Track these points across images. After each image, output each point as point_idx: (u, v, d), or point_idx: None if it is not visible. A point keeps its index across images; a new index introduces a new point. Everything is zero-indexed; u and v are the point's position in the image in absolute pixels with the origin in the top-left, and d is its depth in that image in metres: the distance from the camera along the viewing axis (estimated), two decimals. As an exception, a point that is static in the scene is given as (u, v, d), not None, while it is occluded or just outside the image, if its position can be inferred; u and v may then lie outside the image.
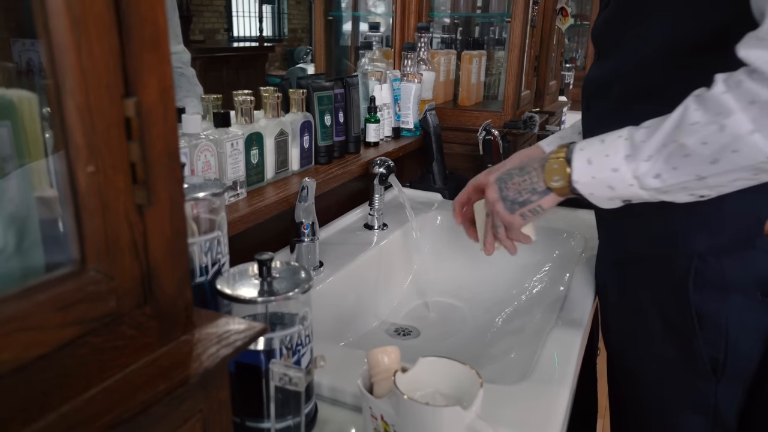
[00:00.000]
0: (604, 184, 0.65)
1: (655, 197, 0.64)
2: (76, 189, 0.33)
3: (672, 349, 0.76)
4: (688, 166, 0.59)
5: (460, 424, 0.47)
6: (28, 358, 0.31)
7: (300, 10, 2.02)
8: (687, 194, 0.62)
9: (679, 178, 0.60)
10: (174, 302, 0.40)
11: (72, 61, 0.31)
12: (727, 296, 0.71)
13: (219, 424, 0.44)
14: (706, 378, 0.75)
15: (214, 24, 1.97)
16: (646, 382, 0.82)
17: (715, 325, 0.72)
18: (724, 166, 0.57)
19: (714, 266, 0.71)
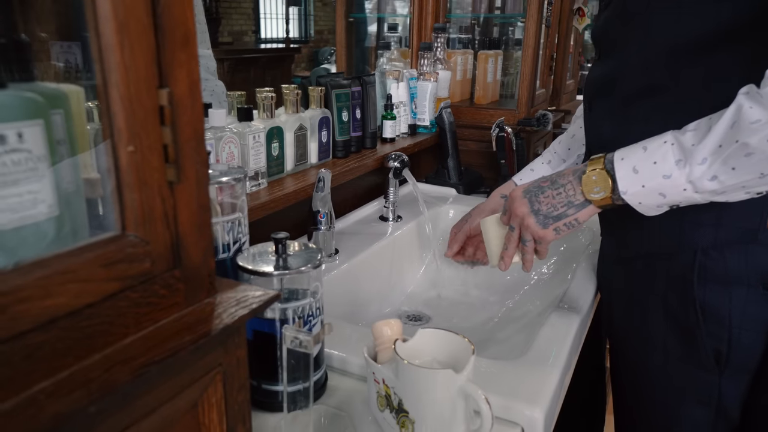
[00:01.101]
0: (656, 191, 0.65)
1: (709, 199, 0.64)
2: (118, 166, 0.39)
3: (675, 342, 0.78)
4: (750, 165, 0.59)
5: (453, 385, 0.52)
6: (78, 305, 0.37)
7: (326, 11, 2.07)
8: (744, 192, 0.62)
9: (740, 178, 0.60)
10: (199, 268, 0.46)
11: (117, 58, 0.37)
12: (730, 290, 0.72)
13: (237, 379, 0.50)
14: (710, 370, 0.76)
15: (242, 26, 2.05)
16: (649, 374, 0.83)
17: (718, 318, 0.73)
18: None
19: (717, 260, 0.72)
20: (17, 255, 0.36)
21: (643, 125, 0.73)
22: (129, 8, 0.37)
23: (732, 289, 0.72)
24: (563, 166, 1.03)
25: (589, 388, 0.95)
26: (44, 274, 0.35)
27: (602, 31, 0.82)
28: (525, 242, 0.78)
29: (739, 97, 0.59)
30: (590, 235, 1.15)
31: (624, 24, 0.77)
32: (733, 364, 0.75)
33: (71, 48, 0.70)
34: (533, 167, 1.04)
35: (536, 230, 0.75)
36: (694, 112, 0.66)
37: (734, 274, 0.72)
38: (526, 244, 0.78)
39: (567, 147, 1.03)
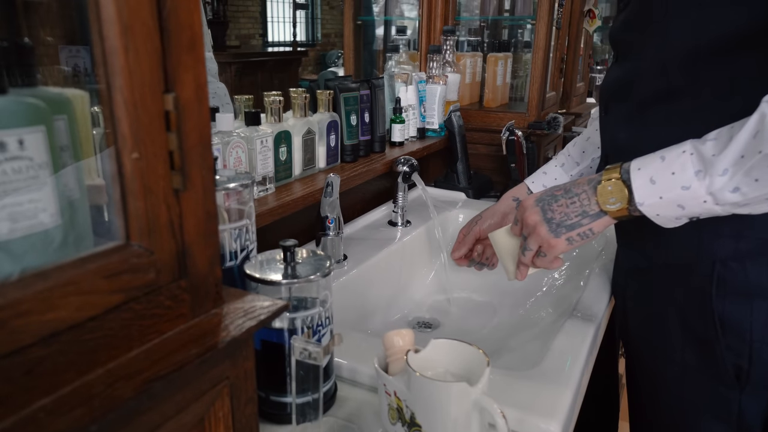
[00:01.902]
0: (674, 203, 0.63)
1: (731, 211, 0.62)
2: (122, 173, 0.38)
3: (693, 355, 0.75)
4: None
5: (467, 399, 0.50)
6: (80, 318, 0.35)
7: (333, 15, 2.07)
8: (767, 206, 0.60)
9: (764, 190, 0.58)
10: (205, 278, 0.45)
11: (121, 62, 0.35)
12: (751, 302, 0.70)
13: (245, 392, 0.48)
14: (730, 385, 0.73)
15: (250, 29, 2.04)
16: (666, 387, 0.80)
17: (738, 332, 0.71)
18: None
19: (737, 272, 0.70)
20: (18, 266, 0.35)
21: (660, 130, 0.72)
22: (134, 11, 0.35)
23: (753, 302, 0.69)
24: (577, 170, 1.01)
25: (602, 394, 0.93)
26: (45, 286, 0.33)
27: (619, 33, 0.80)
28: (526, 250, 0.76)
29: (762, 105, 0.57)
30: (603, 241, 1.13)
31: (642, 26, 0.76)
32: (755, 380, 0.72)
33: (79, 52, 0.69)
34: (546, 170, 1.02)
35: (548, 239, 0.73)
36: (712, 118, 0.64)
37: (755, 287, 0.69)
38: (526, 253, 0.76)
39: (581, 150, 1.01)
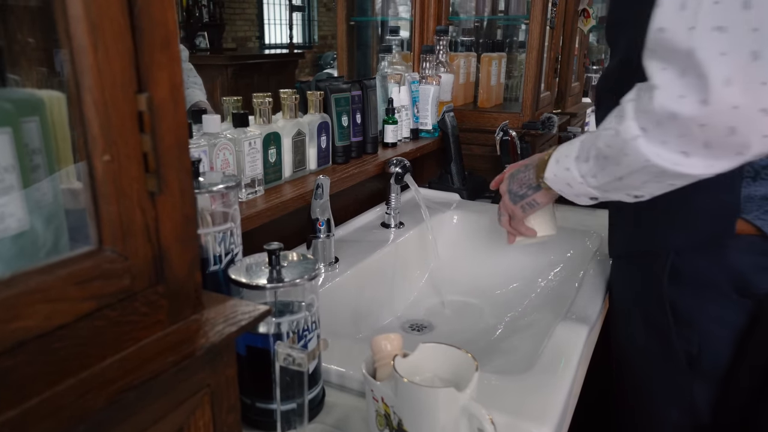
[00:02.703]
0: (563, 181, 0.71)
1: (604, 196, 0.68)
2: (93, 176, 0.36)
3: (654, 343, 0.79)
4: (608, 167, 0.63)
5: (455, 405, 0.49)
6: (49, 326, 0.34)
7: (330, 16, 2.06)
8: (624, 194, 0.66)
9: (606, 178, 0.64)
10: (184, 283, 0.43)
11: (90, 60, 0.34)
12: (701, 293, 0.73)
13: (227, 400, 0.47)
14: (683, 372, 0.77)
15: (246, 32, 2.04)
16: (636, 375, 0.85)
17: (688, 321, 0.75)
18: (625, 169, 0.60)
19: (690, 263, 0.73)
20: (-18, 273, 0.34)
21: None
22: (102, 8, 0.34)
23: (703, 293, 0.73)
24: None
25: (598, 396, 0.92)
26: (10, 294, 0.32)
27: (610, 29, 0.82)
28: (499, 215, 0.88)
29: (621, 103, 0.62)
30: (598, 242, 1.12)
31: (621, 21, 0.78)
32: (704, 367, 0.75)
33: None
34: None
35: (510, 207, 0.85)
36: None
37: (705, 278, 0.73)
38: (501, 218, 0.88)
39: None
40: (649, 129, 0.56)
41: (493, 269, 1.19)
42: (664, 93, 0.54)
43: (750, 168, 0.67)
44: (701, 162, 0.55)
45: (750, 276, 0.70)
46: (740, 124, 0.51)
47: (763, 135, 0.51)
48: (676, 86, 0.53)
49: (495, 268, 1.18)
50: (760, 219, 0.68)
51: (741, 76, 0.49)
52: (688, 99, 0.52)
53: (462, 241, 1.25)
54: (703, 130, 0.52)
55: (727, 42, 0.49)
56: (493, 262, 1.19)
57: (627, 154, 0.59)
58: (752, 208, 0.68)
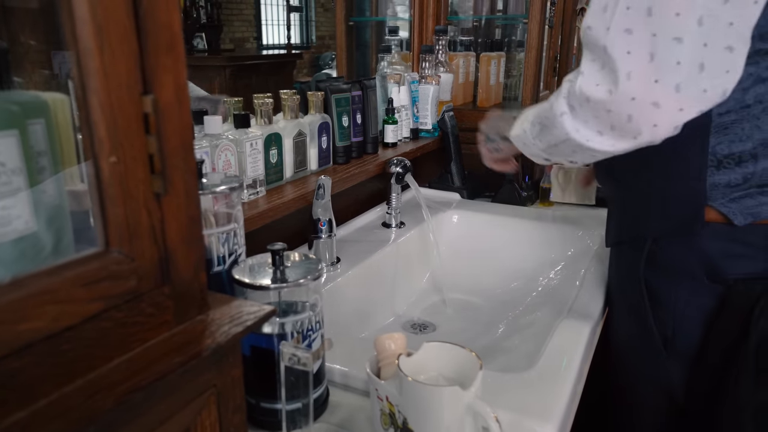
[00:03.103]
0: (521, 141, 0.80)
1: (549, 157, 0.77)
2: (100, 178, 0.37)
3: (634, 327, 0.83)
4: (545, 135, 0.73)
5: (460, 403, 0.49)
6: (57, 328, 0.34)
7: (327, 17, 2.06)
8: (561, 158, 0.75)
9: (545, 144, 0.74)
10: (190, 284, 0.44)
11: (96, 63, 0.34)
12: (675, 278, 0.76)
13: (233, 400, 0.47)
14: (659, 353, 0.80)
15: (244, 33, 2.04)
16: (622, 356, 0.89)
17: (664, 305, 0.78)
18: (555, 138, 0.70)
19: (665, 250, 0.77)
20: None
21: None
22: (108, 10, 0.34)
23: (676, 278, 0.77)
24: None
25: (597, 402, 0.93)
26: (18, 295, 0.32)
27: None
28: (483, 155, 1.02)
29: None
30: (598, 239, 1.12)
31: None
32: (678, 349, 0.79)
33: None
34: None
35: (480, 147, 0.99)
36: None
37: (678, 264, 0.76)
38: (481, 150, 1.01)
39: None
40: (575, 108, 0.66)
41: (493, 268, 1.19)
42: (585, 80, 0.63)
43: (713, 157, 0.70)
44: (608, 141, 0.65)
45: (719, 262, 0.72)
46: (636, 113, 0.60)
47: (653, 125, 0.61)
48: (596, 76, 0.62)
49: (496, 266, 1.18)
50: (726, 206, 0.70)
51: (639, 73, 0.59)
52: (601, 87, 0.62)
53: (463, 241, 1.25)
54: (609, 115, 0.62)
55: (632, 42, 0.58)
56: (493, 261, 1.19)
57: (555, 126, 0.69)
58: (717, 195, 0.71)
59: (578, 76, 0.64)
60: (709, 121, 0.68)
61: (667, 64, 0.57)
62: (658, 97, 0.59)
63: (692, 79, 0.58)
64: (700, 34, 0.57)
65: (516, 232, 1.23)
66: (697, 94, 0.58)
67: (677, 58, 0.57)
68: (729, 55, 0.58)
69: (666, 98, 0.58)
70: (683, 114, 0.60)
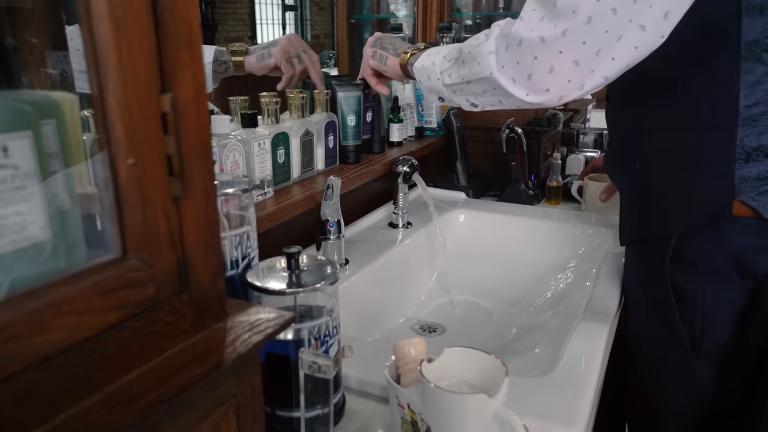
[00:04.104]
0: (425, 73, 0.81)
1: (449, 98, 0.79)
2: (117, 181, 0.35)
3: (658, 326, 0.81)
4: (462, 69, 0.74)
5: (486, 411, 0.48)
6: (75, 339, 0.33)
7: (322, 16, 2.05)
8: (464, 99, 0.77)
9: (457, 80, 0.75)
10: (208, 291, 0.42)
11: (113, 61, 0.33)
12: (702, 275, 0.74)
13: (252, 410, 0.45)
14: (687, 353, 0.78)
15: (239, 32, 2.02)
16: (644, 357, 0.86)
17: (691, 303, 0.76)
18: (473, 75, 0.72)
19: (691, 247, 0.75)
20: (4, 286, 0.32)
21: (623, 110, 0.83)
22: (126, 5, 0.33)
23: (704, 275, 0.75)
24: None
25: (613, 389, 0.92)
26: (36, 306, 0.31)
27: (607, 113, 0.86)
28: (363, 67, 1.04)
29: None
30: (609, 238, 1.11)
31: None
32: (707, 348, 0.77)
33: (66, 57, 0.67)
34: None
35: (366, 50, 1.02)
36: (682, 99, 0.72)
37: (704, 260, 0.74)
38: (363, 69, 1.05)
39: None
40: (503, 50, 0.68)
41: (502, 268, 1.18)
42: (523, 24, 0.66)
43: (741, 150, 0.69)
44: (522, 90, 0.68)
45: (749, 257, 0.71)
46: (558, 65, 0.64)
47: (567, 80, 0.65)
48: (533, 23, 0.65)
49: (504, 266, 1.17)
50: (755, 200, 0.68)
51: (573, 34, 0.62)
52: (534, 33, 0.64)
53: (470, 240, 1.24)
54: (534, 63, 0.65)
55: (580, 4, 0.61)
56: (502, 261, 1.18)
57: (479, 63, 0.70)
58: (746, 189, 0.69)
59: (515, 21, 0.67)
60: (736, 113, 0.67)
61: (598, 30, 0.61)
62: (579, 57, 0.63)
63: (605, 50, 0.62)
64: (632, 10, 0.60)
65: (524, 231, 1.21)
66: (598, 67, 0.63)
67: (606, 27, 0.61)
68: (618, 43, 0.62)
69: (586, 60, 0.63)
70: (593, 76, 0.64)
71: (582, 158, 1.64)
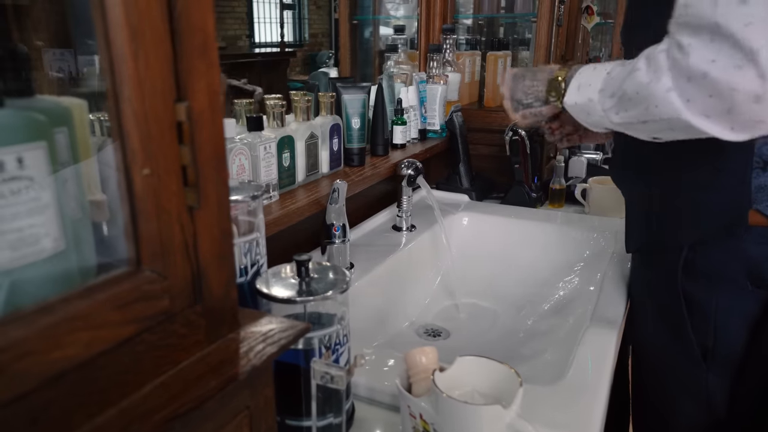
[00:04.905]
0: (584, 110, 0.71)
1: (622, 131, 0.68)
2: (132, 192, 0.34)
3: (669, 337, 0.80)
4: (633, 110, 0.64)
5: (501, 422, 0.47)
6: (89, 354, 0.32)
7: (320, 15, 2.03)
8: (644, 134, 0.67)
9: (630, 119, 0.65)
10: (221, 301, 0.41)
11: (130, 70, 0.32)
12: (715, 285, 0.74)
13: (265, 421, 0.45)
14: (698, 365, 0.77)
15: (236, 30, 2.00)
16: (654, 369, 0.85)
17: (704, 313, 0.75)
18: (651, 116, 0.62)
19: (704, 256, 0.74)
20: (18, 300, 0.31)
21: None
22: (143, 12, 0.32)
23: (716, 285, 0.74)
24: None
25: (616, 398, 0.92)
26: (50, 322, 0.30)
27: (627, 30, 0.83)
28: None
29: (645, 50, 0.62)
30: (614, 242, 1.10)
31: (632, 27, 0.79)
32: (719, 358, 0.76)
33: (64, 55, 0.66)
34: None
35: (510, 113, 0.88)
36: None
37: (718, 270, 0.73)
38: None
39: None
40: (680, 84, 0.57)
41: (506, 271, 1.17)
42: (697, 53, 0.55)
43: (759, 159, 0.68)
44: (721, 126, 0.57)
45: (764, 266, 0.70)
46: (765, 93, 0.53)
47: None
48: (708, 50, 0.54)
49: (509, 270, 1.17)
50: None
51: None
52: (719, 63, 0.53)
53: (474, 243, 1.23)
54: (732, 95, 0.54)
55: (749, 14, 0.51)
56: (506, 264, 1.17)
57: (657, 106, 0.60)
58: (763, 198, 0.68)
59: (682, 47, 0.56)
60: None
61: None
62: None
63: None
64: None
65: (528, 234, 1.21)
66: None
67: None
68: None
69: None
70: None
71: (584, 161, 1.64)
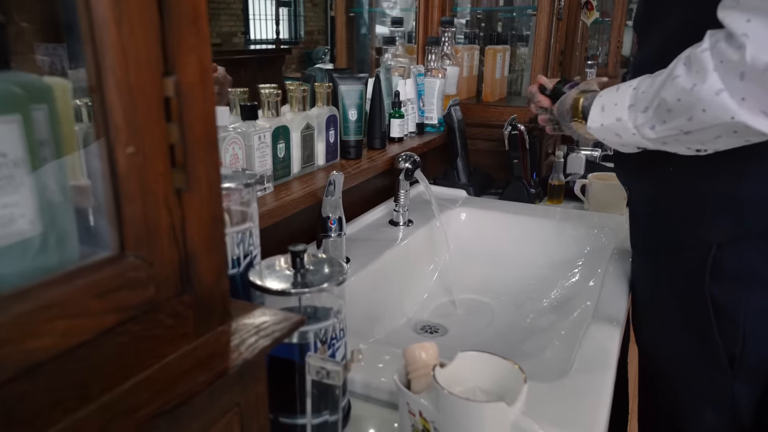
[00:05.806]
0: (612, 131, 0.68)
1: (658, 147, 0.65)
2: (115, 172, 0.32)
3: (690, 341, 0.75)
4: (673, 120, 0.60)
5: (504, 420, 0.45)
6: (67, 345, 0.30)
7: (316, 12, 2.01)
8: (684, 147, 0.63)
9: (669, 132, 0.62)
10: (211, 291, 0.39)
11: (113, 37, 0.30)
12: (745, 287, 0.69)
13: (256, 419, 0.42)
14: (723, 372, 0.73)
15: (231, 27, 1.97)
16: (668, 375, 0.81)
17: (732, 317, 0.71)
18: (698, 124, 0.58)
19: (733, 256, 0.70)
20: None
21: None
22: (127, -25, 0.29)
23: (747, 287, 0.70)
24: None
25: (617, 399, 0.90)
26: (25, 309, 0.28)
27: (636, 21, 0.81)
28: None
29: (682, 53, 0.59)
30: (614, 239, 1.08)
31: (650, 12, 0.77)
32: (747, 366, 0.72)
33: (57, 50, 0.63)
34: None
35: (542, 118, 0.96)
36: None
37: (751, 271, 0.69)
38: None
39: None
40: (732, 84, 0.53)
41: (504, 267, 1.15)
42: (755, 44, 0.50)
43: None
44: None
45: None
46: None
47: None
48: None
49: (507, 266, 1.15)
50: None
51: None
52: None
53: (471, 239, 1.21)
54: None
55: None
56: (504, 260, 1.16)
57: (705, 110, 0.56)
58: None
59: (733, 41, 0.52)
60: None
61: None
62: None
63: None
64: None
65: (527, 230, 1.19)
66: None
67: None
68: None
69: None
70: None
71: (583, 157, 1.62)
